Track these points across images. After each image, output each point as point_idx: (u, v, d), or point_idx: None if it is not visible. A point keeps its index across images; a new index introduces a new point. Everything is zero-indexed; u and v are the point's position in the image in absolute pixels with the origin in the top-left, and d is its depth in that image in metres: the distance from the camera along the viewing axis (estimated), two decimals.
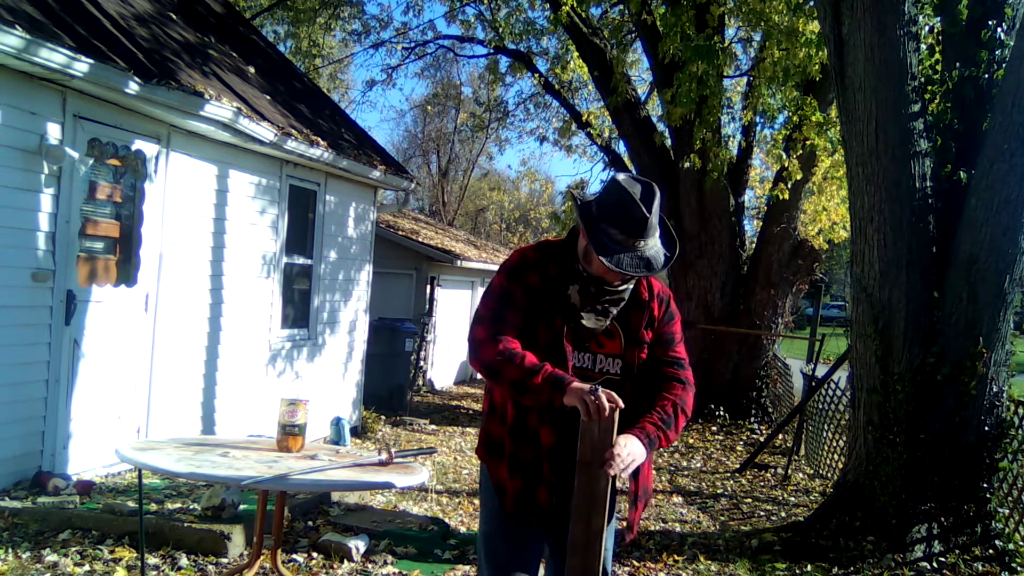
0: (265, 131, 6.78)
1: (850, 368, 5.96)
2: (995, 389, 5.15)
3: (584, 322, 2.43)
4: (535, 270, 2.48)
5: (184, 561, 4.29)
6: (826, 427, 7.92)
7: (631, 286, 2.48)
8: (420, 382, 13.60)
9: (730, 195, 11.08)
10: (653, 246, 2.38)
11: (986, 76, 5.29)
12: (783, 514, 6.50)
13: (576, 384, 2.25)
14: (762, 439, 9.23)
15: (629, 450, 2.28)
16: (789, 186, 10.03)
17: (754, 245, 11.88)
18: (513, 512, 2.51)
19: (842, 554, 5.09)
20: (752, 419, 10.98)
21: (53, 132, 5.21)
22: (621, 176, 2.47)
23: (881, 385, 5.26)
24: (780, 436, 9.23)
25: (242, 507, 4.71)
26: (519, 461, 2.49)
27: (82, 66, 4.98)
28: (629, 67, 12.66)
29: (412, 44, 16.36)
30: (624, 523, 2.54)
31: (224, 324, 6.98)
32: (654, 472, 7.77)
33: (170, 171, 6.24)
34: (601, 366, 2.45)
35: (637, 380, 2.47)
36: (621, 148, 13.51)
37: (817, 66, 8.64)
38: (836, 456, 7.47)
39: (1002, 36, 5.26)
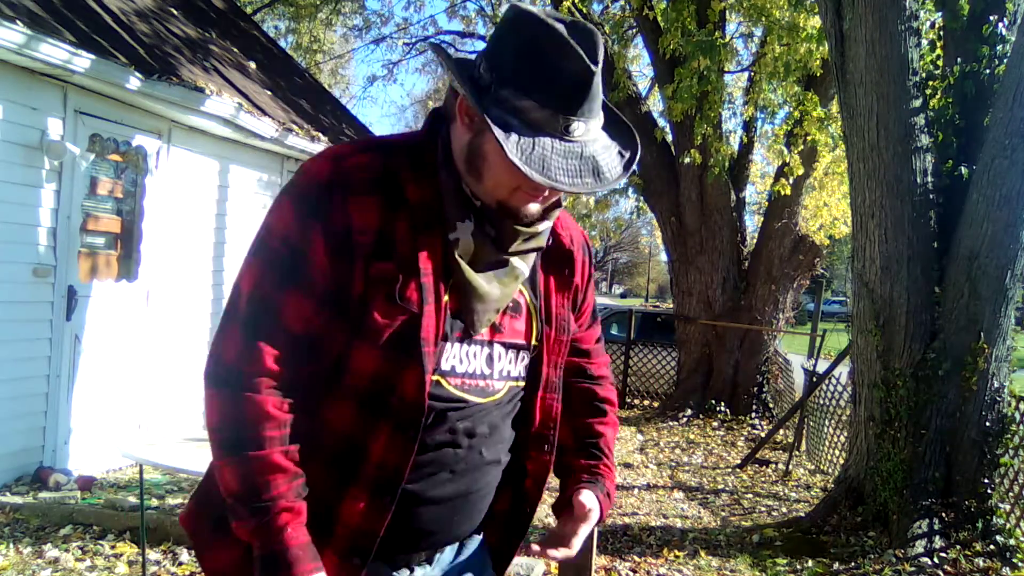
0: (266, 126, 6.79)
1: (851, 364, 5.96)
2: (996, 384, 5.15)
3: (483, 286, 1.33)
4: (362, 195, 1.28)
5: (185, 556, 4.29)
6: (827, 423, 7.92)
7: (550, 220, 1.40)
8: None
9: (731, 190, 11.07)
10: (596, 138, 1.26)
11: (987, 71, 5.28)
12: (784, 509, 6.50)
13: None
14: (763, 435, 9.23)
15: (581, 534, 1.48)
16: (790, 181, 10.01)
17: (755, 240, 11.85)
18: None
19: (843, 549, 5.10)
20: (753, 415, 10.98)
21: (54, 127, 5.21)
22: (527, 6, 1.28)
23: (882, 380, 5.26)
24: (781, 432, 9.22)
25: None
26: None
27: (83, 61, 4.98)
28: (630, 62, 12.61)
29: (413, 40, 16.40)
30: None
31: None
32: (654, 467, 7.78)
33: (171, 166, 6.24)
34: (501, 367, 1.38)
35: (550, 392, 1.47)
36: None
37: (818, 61, 8.66)
38: (837, 452, 7.47)
39: (1003, 31, 5.25)
